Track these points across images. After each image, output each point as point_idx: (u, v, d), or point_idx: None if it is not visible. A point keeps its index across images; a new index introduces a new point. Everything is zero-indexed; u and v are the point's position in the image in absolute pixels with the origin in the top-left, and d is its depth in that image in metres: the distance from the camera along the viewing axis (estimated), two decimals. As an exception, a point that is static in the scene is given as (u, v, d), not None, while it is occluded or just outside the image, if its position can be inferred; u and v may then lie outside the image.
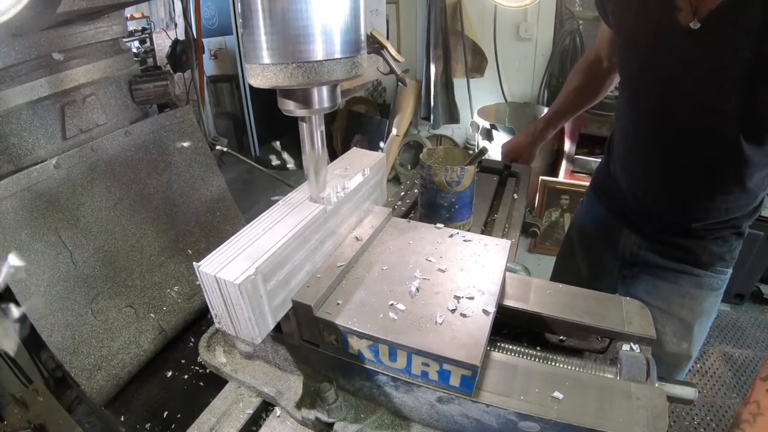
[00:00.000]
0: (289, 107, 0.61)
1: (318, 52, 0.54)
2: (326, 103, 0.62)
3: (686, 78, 0.90)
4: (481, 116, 3.07)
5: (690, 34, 0.85)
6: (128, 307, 0.98)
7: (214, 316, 0.63)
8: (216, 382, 0.87)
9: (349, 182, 0.79)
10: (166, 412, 0.85)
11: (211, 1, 3.91)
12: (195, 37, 1.93)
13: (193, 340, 1.03)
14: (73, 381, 0.87)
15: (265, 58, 0.54)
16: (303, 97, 0.60)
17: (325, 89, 0.61)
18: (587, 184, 1.34)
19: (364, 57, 0.61)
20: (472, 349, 0.60)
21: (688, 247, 1.08)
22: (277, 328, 0.69)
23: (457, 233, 0.84)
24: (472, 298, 0.68)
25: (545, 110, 3.00)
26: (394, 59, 0.80)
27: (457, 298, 0.68)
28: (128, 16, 3.75)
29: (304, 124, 0.65)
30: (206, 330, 1.04)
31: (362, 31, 0.59)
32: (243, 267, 0.58)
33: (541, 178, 2.85)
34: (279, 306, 0.64)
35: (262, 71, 0.56)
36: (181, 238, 1.14)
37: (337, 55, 0.56)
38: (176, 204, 1.15)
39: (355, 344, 0.66)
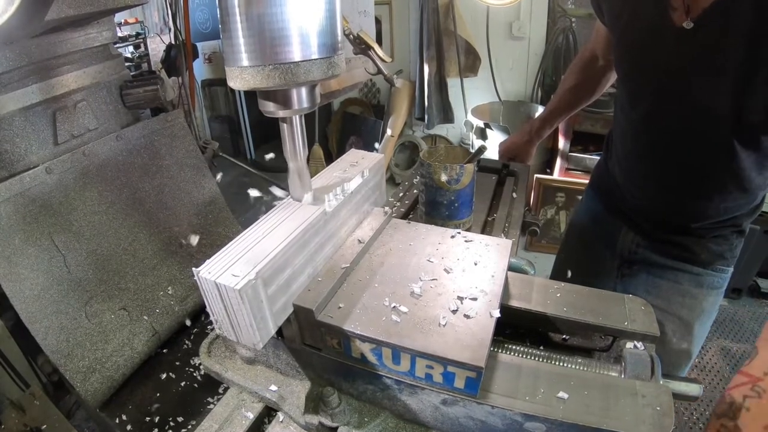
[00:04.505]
0: (270, 108, 0.62)
1: (294, 54, 0.55)
2: (305, 104, 0.63)
3: (679, 78, 0.90)
4: (476, 115, 3.08)
5: (683, 34, 0.85)
6: (122, 310, 0.98)
7: (214, 322, 0.62)
8: (210, 383, 0.87)
9: (349, 184, 0.78)
10: (160, 414, 0.85)
11: (204, 5, 3.89)
12: (184, 41, 1.92)
13: (187, 342, 1.02)
14: (68, 384, 0.87)
15: (243, 60, 0.55)
16: (282, 98, 0.61)
17: (303, 90, 0.62)
18: (582, 181, 1.35)
19: (342, 57, 0.61)
20: (477, 350, 0.59)
21: (688, 245, 1.07)
22: (279, 332, 0.68)
23: (458, 233, 0.84)
24: (475, 299, 0.67)
25: (539, 108, 3.03)
26: (382, 60, 0.80)
27: (460, 299, 0.68)
28: (122, 21, 3.73)
29: (285, 125, 0.65)
30: (199, 332, 1.04)
31: (339, 32, 0.59)
32: (243, 272, 0.57)
33: (536, 176, 2.86)
34: (280, 310, 0.64)
35: (240, 73, 0.56)
36: (174, 240, 1.14)
37: (314, 56, 0.57)
38: (168, 207, 1.15)
39: (358, 348, 0.65)
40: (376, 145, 3.60)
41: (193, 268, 0.58)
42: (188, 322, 1.04)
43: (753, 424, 0.66)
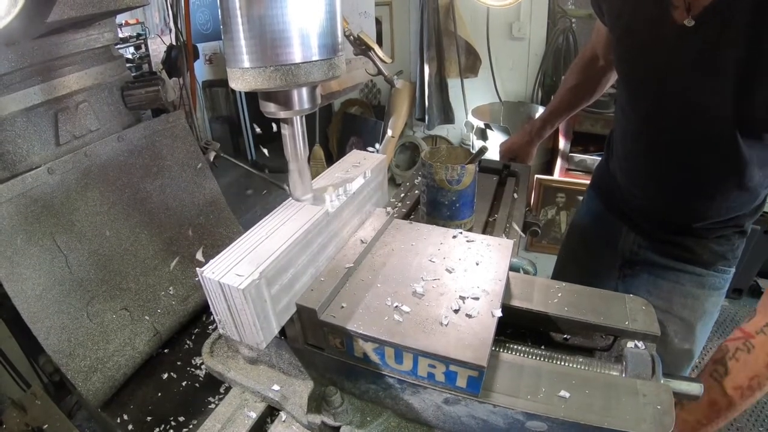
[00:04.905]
0: (271, 109, 0.63)
1: (295, 55, 0.56)
2: (306, 105, 0.63)
3: (681, 77, 0.89)
4: (476, 116, 3.08)
5: (684, 32, 0.85)
6: (123, 310, 0.98)
7: (218, 322, 0.62)
8: (211, 383, 0.88)
9: (351, 185, 0.78)
10: (161, 414, 0.86)
11: (205, 7, 3.89)
12: (185, 42, 1.92)
13: (188, 342, 1.03)
14: (70, 384, 0.87)
15: (245, 62, 0.56)
16: (283, 99, 0.62)
17: (304, 91, 0.62)
18: (582, 181, 1.35)
19: (342, 59, 0.62)
20: (479, 349, 0.60)
21: (689, 245, 1.07)
22: (281, 332, 0.68)
23: (460, 233, 0.84)
24: (477, 299, 0.68)
25: (540, 109, 3.02)
26: (382, 60, 0.81)
27: (462, 298, 0.68)
28: (123, 22, 3.73)
29: (286, 125, 0.66)
30: (201, 332, 1.05)
31: (339, 34, 0.60)
32: (246, 272, 0.57)
33: (536, 176, 2.86)
34: (283, 310, 0.64)
35: (242, 75, 0.57)
36: (175, 241, 1.14)
37: (314, 58, 0.57)
38: (169, 208, 1.16)
39: (361, 347, 0.65)
40: (377, 145, 3.60)
41: (197, 268, 0.58)
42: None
43: (739, 372, 0.82)
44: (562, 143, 2.81)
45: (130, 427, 0.84)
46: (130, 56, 3.66)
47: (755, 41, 0.77)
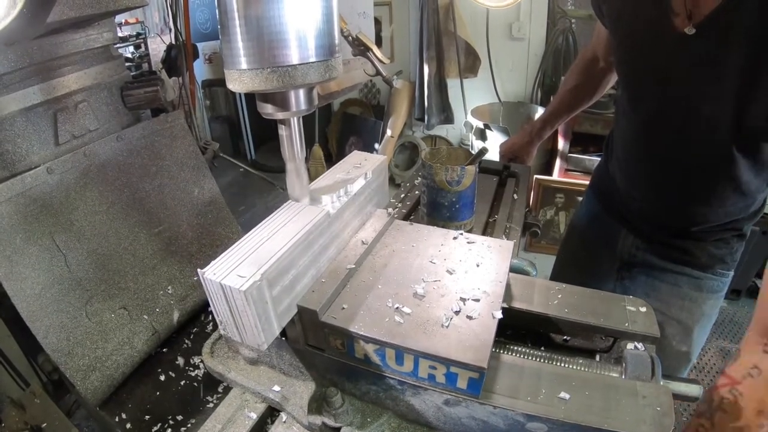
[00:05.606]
0: (268, 110, 0.63)
1: (292, 57, 0.56)
2: (303, 106, 0.64)
3: (681, 84, 0.90)
4: (475, 116, 3.08)
5: (684, 39, 0.85)
6: (122, 309, 0.98)
7: (219, 323, 0.62)
8: (209, 382, 0.88)
9: (352, 186, 0.78)
10: (159, 413, 0.86)
11: (205, 6, 3.89)
12: (185, 41, 1.91)
13: (187, 341, 1.03)
14: (68, 382, 0.87)
15: (242, 63, 0.56)
16: (281, 100, 0.62)
17: (301, 92, 0.63)
18: (581, 182, 1.35)
19: (339, 60, 0.62)
20: (479, 351, 0.60)
21: (688, 248, 1.07)
22: (282, 333, 0.68)
23: (461, 234, 0.84)
24: (477, 300, 0.68)
25: (539, 109, 3.03)
26: (380, 61, 0.81)
27: (463, 300, 0.68)
28: (122, 21, 3.72)
29: (283, 126, 0.66)
30: (199, 331, 1.05)
31: (336, 35, 0.60)
32: (248, 273, 0.57)
33: (535, 177, 2.86)
34: (284, 311, 0.64)
35: (240, 76, 0.57)
36: (174, 241, 1.14)
37: (311, 59, 0.57)
38: (168, 207, 1.15)
39: (361, 348, 0.65)
40: (376, 145, 3.60)
41: (198, 270, 0.58)
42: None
43: (726, 426, 0.67)
44: (562, 144, 2.81)
45: (128, 425, 0.84)
46: (129, 55, 3.66)
47: (757, 50, 0.77)
